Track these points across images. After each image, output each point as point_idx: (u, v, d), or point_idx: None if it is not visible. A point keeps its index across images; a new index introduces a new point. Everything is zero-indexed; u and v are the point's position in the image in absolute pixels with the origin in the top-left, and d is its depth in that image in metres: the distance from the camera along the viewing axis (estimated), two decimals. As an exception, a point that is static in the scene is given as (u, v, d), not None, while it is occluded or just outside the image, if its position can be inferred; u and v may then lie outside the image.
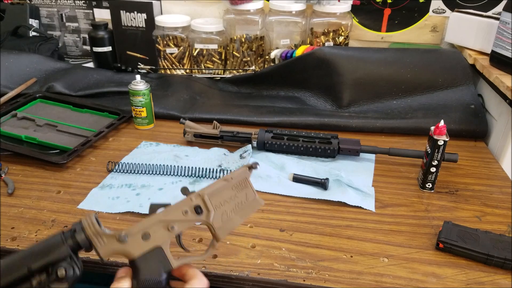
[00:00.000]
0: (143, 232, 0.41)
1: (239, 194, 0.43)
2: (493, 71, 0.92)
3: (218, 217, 0.42)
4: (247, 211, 0.43)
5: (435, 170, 0.73)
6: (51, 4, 1.37)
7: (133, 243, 0.41)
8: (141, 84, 0.92)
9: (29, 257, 0.38)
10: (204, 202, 0.41)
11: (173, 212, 0.41)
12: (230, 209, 0.42)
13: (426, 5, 1.19)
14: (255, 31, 1.20)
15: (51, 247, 0.39)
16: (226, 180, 0.42)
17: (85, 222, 0.40)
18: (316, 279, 0.55)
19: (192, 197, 0.41)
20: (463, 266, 0.58)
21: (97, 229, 0.40)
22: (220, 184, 0.42)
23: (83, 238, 0.40)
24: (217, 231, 0.42)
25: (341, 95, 1.03)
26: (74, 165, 0.82)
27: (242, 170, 0.42)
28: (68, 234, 0.40)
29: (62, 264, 0.39)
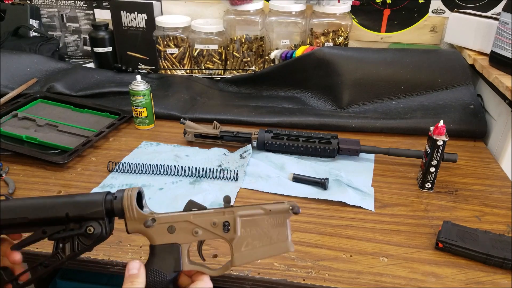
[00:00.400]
0: (170, 224, 0.42)
1: (272, 229, 0.41)
2: (493, 71, 0.92)
3: (241, 241, 0.41)
4: (273, 250, 0.41)
5: (435, 170, 0.73)
6: (51, 5, 1.37)
7: (158, 231, 0.42)
8: (141, 84, 0.93)
9: (70, 205, 0.41)
10: (234, 221, 0.41)
11: (203, 219, 0.42)
12: (257, 239, 0.41)
13: (426, 6, 1.19)
14: (255, 32, 1.20)
15: (91, 204, 0.41)
16: (264, 210, 0.40)
17: (126, 194, 0.42)
18: (316, 279, 0.56)
19: (225, 211, 0.41)
20: (463, 266, 0.59)
21: (133, 204, 0.41)
22: (257, 211, 0.41)
23: (119, 207, 0.42)
24: (235, 255, 0.41)
25: (341, 95, 1.03)
26: (75, 165, 0.82)
27: (283, 207, 0.40)
28: (109, 198, 0.42)
29: (93, 222, 0.42)
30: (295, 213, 0.40)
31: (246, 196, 0.73)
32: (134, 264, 0.43)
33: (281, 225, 0.40)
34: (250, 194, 0.74)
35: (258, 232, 0.41)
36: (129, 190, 0.42)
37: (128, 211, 0.41)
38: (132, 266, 0.43)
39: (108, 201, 0.42)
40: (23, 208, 0.41)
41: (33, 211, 0.41)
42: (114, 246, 0.61)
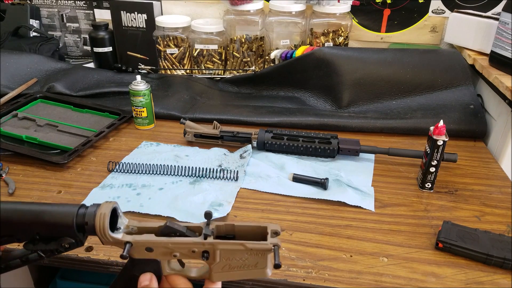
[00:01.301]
0: (148, 246, 0.42)
1: (251, 259, 0.41)
2: (493, 71, 0.92)
3: (220, 265, 0.42)
4: (249, 274, 0.42)
5: (435, 170, 0.73)
6: (51, 5, 1.37)
7: (136, 249, 0.42)
8: (141, 84, 0.93)
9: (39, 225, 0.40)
10: (214, 252, 0.41)
11: (182, 246, 0.41)
12: (235, 265, 0.42)
13: (426, 6, 1.19)
14: (255, 32, 1.20)
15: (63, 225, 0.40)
16: (245, 247, 0.40)
17: (98, 219, 0.40)
18: (316, 279, 0.56)
19: (206, 243, 0.41)
20: (463, 266, 0.59)
21: (106, 231, 0.40)
22: (237, 247, 0.41)
23: (92, 230, 0.41)
24: (214, 274, 0.42)
25: (341, 95, 1.03)
26: (75, 165, 0.82)
27: (265, 247, 0.40)
28: (80, 221, 0.40)
29: (68, 239, 0.41)
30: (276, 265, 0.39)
31: (246, 196, 0.73)
32: (145, 276, 0.43)
33: (260, 257, 0.41)
34: (250, 194, 0.74)
35: (237, 261, 0.41)
36: (101, 214, 0.40)
37: (101, 236, 0.40)
38: (143, 278, 0.43)
39: (79, 225, 0.40)
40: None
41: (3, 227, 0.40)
42: (114, 246, 0.60)
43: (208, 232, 0.41)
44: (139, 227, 0.42)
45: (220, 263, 0.41)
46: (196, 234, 0.42)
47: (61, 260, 0.60)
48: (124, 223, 0.42)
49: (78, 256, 0.59)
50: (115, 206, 0.41)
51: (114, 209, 0.41)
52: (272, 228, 0.41)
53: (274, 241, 0.40)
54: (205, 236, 0.41)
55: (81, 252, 0.60)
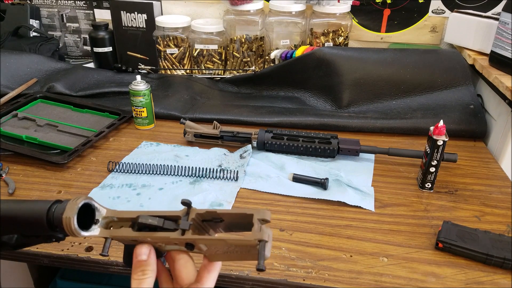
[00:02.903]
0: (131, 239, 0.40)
1: (239, 249, 0.37)
2: (493, 71, 0.92)
3: (211, 251, 0.38)
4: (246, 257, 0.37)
5: (435, 170, 0.73)
6: (51, 5, 1.37)
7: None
8: (141, 84, 0.93)
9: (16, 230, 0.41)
10: (196, 243, 0.38)
11: (162, 238, 0.38)
12: (226, 250, 0.38)
13: (426, 6, 1.19)
14: (255, 32, 1.20)
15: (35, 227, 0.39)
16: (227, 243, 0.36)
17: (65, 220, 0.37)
18: (316, 279, 0.56)
19: (183, 238, 0.37)
20: (463, 266, 0.59)
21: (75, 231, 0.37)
22: (219, 243, 0.37)
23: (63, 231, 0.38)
24: (209, 257, 0.40)
25: (341, 95, 1.03)
26: (75, 165, 0.82)
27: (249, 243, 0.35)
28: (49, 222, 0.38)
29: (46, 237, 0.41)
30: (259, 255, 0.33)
31: (246, 196, 0.73)
32: (142, 249, 0.39)
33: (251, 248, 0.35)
34: (250, 194, 0.74)
35: (228, 249, 0.37)
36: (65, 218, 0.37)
37: (75, 236, 0.38)
38: (140, 251, 0.39)
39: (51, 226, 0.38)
40: None
41: None
42: (114, 246, 0.61)
43: (186, 226, 0.37)
44: (119, 217, 0.40)
45: (209, 250, 0.38)
46: (176, 223, 0.39)
47: (61, 260, 0.60)
48: (102, 214, 0.40)
49: (78, 256, 0.59)
50: (85, 202, 0.38)
51: (86, 204, 0.38)
52: (259, 216, 0.35)
53: (259, 235, 0.34)
54: (183, 231, 0.37)
55: (81, 252, 0.60)
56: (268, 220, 0.36)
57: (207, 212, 0.38)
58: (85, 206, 0.38)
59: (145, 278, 0.38)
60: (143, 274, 0.38)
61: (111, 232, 0.39)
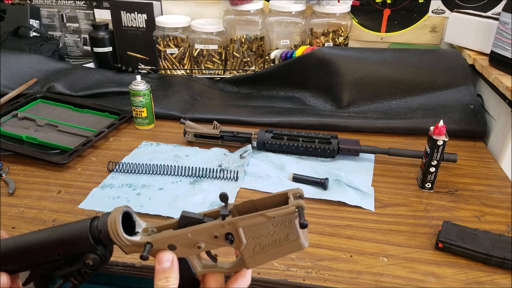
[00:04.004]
0: (169, 243, 0.39)
1: (279, 231, 0.37)
2: (493, 71, 0.92)
3: (250, 247, 0.38)
4: (285, 250, 0.38)
5: (435, 170, 0.73)
6: (51, 5, 1.37)
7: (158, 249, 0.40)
8: (141, 84, 0.93)
9: (57, 244, 0.40)
10: (237, 232, 0.38)
11: (203, 235, 0.38)
12: (265, 243, 0.38)
13: (426, 6, 1.19)
14: (255, 32, 1.20)
15: (79, 240, 0.39)
16: (267, 216, 0.37)
17: (110, 224, 0.38)
18: (316, 279, 0.56)
19: (225, 223, 0.38)
20: (463, 266, 0.59)
21: (120, 233, 0.38)
22: (259, 220, 0.37)
23: (106, 237, 0.39)
24: (246, 260, 0.39)
25: (341, 95, 1.03)
26: (75, 165, 0.82)
27: (288, 211, 0.37)
28: (93, 231, 0.39)
29: (89, 254, 0.40)
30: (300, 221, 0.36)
31: (246, 196, 0.73)
32: (166, 255, 0.38)
33: (288, 227, 0.37)
34: (250, 194, 0.74)
35: (266, 238, 0.38)
36: (111, 218, 0.38)
37: (118, 241, 0.38)
38: (164, 258, 0.38)
39: (94, 236, 0.39)
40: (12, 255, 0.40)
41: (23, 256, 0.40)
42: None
43: (225, 212, 0.38)
44: (158, 227, 0.41)
45: (248, 244, 0.38)
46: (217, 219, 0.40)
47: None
48: (141, 226, 0.41)
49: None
50: (126, 210, 0.39)
51: (127, 213, 0.39)
52: (293, 192, 0.38)
53: (295, 203, 0.37)
54: (223, 216, 0.38)
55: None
56: (302, 195, 0.38)
57: (243, 203, 0.39)
58: (126, 216, 0.40)
59: (169, 285, 0.37)
60: (167, 281, 0.37)
61: (152, 237, 0.39)
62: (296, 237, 0.37)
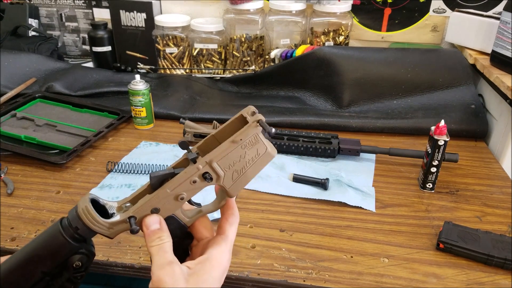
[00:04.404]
0: (152, 207, 0.38)
1: (249, 151, 0.38)
2: (494, 71, 0.92)
3: (229, 177, 0.39)
4: (259, 165, 0.39)
5: (436, 170, 0.73)
6: (50, 4, 1.36)
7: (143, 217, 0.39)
8: (140, 84, 0.92)
9: (37, 261, 0.37)
10: (213, 168, 0.38)
11: (181, 185, 0.38)
12: (241, 167, 0.39)
13: (427, 5, 1.19)
14: (255, 31, 1.20)
15: (58, 247, 0.37)
16: (235, 142, 0.38)
17: (82, 214, 0.37)
18: (316, 280, 0.55)
19: (199, 165, 0.38)
20: (464, 267, 0.58)
21: (96, 219, 0.37)
22: (228, 147, 0.38)
23: (85, 230, 0.37)
24: (229, 190, 0.40)
25: (341, 95, 1.03)
26: (74, 165, 0.81)
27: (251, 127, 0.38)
28: (68, 231, 0.37)
29: (74, 256, 0.38)
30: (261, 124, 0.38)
31: (246, 196, 0.73)
32: (152, 218, 0.38)
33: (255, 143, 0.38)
34: (250, 194, 0.74)
35: (240, 162, 0.39)
36: (82, 210, 0.37)
37: (99, 228, 0.37)
38: (151, 221, 0.38)
39: (71, 236, 0.37)
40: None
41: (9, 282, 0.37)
42: (113, 246, 0.60)
43: (193, 155, 0.38)
44: (131, 199, 0.40)
45: (226, 175, 0.39)
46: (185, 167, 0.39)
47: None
48: (114, 206, 0.40)
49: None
50: (92, 197, 0.38)
51: (93, 200, 0.38)
52: (247, 111, 0.40)
53: (255, 117, 0.39)
54: (193, 160, 0.38)
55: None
56: (255, 111, 0.40)
57: (204, 141, 0.40)
58: (94, 204, 0.38)
59: (164, 242, 0.37)
60: (160, 239, 0.37)
61: (130, 211, 0.38)
62: (264, 149, 0.39)
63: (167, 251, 0.37)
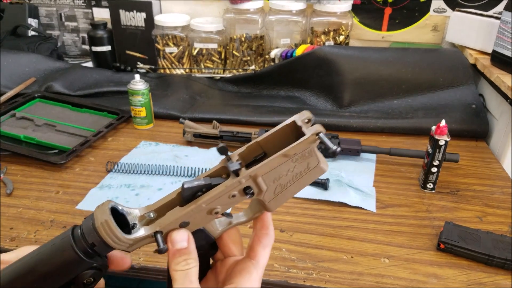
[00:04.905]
0: (181, 221, 0.33)
1: (299, 165, 0.34)
2: (494, 70, 0.92)
3: (271, 191, 0.34)
4: (306, 180, 0.35)
5: (436, 170, 0.73)
6: (50, 4, 1.36)
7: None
8: (140, 83, 0.92)
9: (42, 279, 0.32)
10: (256, 183, 0.33)
11: (219, 199, 0.33)
12: (286, 181, 0.34)
13: (427, 5, 1.19)
14: (255, 30, 1.20)
15: (68, 264, 0.32)
16: (287, 156, 0.32)
17: (101, 229, 0.31)
18: (317, 280, 0.55)
19: (241, 179, 0.32)
20: (464, 267, 0.58)
21: (119, 237, 0.31)
22: (279, 161, 0.33)
23: (103, 247, 0.32)
24: (268, 204, 0.35)
25: (342, 94, 1.03)
26: (73, 165, 0.81)
27: (308, 141, 0.32)
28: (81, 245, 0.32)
29: (86, 273, 0.33)
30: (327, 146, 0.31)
31: (246, 196, 0.73)
32: (180, 235, 0.32)
33: (308, 157, 0.33)
34: (250, 195, 0.73)
35: (286, 176, 0.34)
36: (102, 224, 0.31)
37: (120, 246, 0.32)
38: (179, 238, 0.32)
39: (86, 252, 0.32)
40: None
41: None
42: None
43: (236, 166, 0.32)
44: (156, 209, 0.34)
45: (269, 189, 0.34)
46: (223, 176, 0.34)
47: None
48: (136, 215, 0.34)
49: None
50: (111, 205, 0.32)
51: (112, 208, 0.32)
52: (301, 118, 0.34)
53: (313, 129, 0.32)
54: (236, 172, 0.32)
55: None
56: (311, 117, 0.34)
57: (247, 148, 0.34)
58: (113, 212, 0.32)
59: (190, 268, 0.32)
60: (187, 263, 0.32)
61: (158, 223, 0.33)
62: (316, 163, 0.34)
63: (192, 281, 0.32)
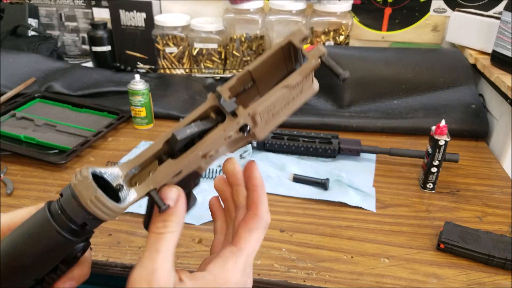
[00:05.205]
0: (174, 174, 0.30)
1: (294, 91, 0.30)
2: (494, 70, 0.92)
3: (263, 122, 0.30)
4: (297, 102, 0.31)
5: (436, 170, 0.73)
6: (50, 4, 1.36)
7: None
8: (140, 83, 0.92)
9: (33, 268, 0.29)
10: (255, 120, 0.29)
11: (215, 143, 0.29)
12: (279, 108, 0.30)
13: (427, 5, 1.19)
14: (255, 31, 1.20)
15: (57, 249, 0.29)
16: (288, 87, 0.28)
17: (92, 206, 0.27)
18: (317, 280, 0.55)
19: (239, 120, 0.29)
20: (464, 267, 0.58)
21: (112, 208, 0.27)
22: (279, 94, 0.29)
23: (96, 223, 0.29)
24: (257, 132, 0.31)
25: (342, 94, 1.03)
26: (73, 165, 0.81)
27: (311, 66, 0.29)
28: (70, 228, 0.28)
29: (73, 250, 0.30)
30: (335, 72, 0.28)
31: (246, 196, 0.73)
32: (168, 192, 0.29)
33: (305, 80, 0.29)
34: (250, 195, 0.73)
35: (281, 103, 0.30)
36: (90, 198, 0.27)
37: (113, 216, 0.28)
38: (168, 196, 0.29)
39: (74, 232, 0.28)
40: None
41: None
42: (113, 247, 0.60)
43: (233, 106, 0.29)
44: (141, 163, 0.30)
45: (262, 120, 0.30)
46: (212, 116, 0.30)
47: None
48: (118, 175, 0.29)
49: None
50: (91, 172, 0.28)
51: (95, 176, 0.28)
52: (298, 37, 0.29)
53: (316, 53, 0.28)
54: (233, 112, 0.29)
55: (79, 253, 0.59)
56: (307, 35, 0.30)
57: (237, 80, 0.30)
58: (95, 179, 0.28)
59: (165, 232, 0.28)
60: (164, 226, 0.28)
61: (150, 180, 0.29)
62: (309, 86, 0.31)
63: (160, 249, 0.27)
